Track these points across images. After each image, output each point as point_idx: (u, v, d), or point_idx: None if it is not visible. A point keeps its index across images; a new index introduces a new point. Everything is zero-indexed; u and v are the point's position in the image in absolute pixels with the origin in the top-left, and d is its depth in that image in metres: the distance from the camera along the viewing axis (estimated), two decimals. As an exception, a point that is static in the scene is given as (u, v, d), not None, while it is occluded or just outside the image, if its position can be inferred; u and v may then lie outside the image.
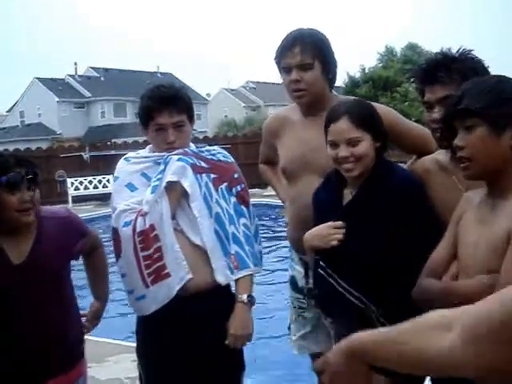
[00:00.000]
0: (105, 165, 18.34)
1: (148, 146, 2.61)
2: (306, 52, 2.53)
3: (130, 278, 2.42)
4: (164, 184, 2.37)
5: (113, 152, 19.59)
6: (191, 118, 2.53)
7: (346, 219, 2.18)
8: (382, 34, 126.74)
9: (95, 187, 19.18)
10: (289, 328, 2.94)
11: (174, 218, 2.41)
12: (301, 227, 2.44)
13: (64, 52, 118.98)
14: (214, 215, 2.42)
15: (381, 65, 33.21)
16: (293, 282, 2.86)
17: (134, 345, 2.65)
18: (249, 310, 2.44)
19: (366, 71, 30.26)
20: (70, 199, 18.77)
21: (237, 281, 2.45)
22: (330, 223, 2.20)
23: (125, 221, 2.38)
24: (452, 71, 2.07)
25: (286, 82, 2.63)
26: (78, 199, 18.81)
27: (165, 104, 2.42)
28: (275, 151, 2.86)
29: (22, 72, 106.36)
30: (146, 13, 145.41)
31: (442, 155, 2.21)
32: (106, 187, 18.07)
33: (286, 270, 3.03)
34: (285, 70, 2.61)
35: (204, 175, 2.44)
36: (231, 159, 2.64)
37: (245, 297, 2.42)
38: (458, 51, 2.12)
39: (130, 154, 2.63)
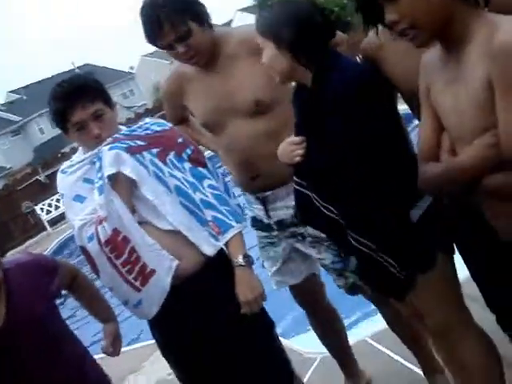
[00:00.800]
0: (64, 178, 17.95)
1: (79, 149, 2.39)
2: (177, 25, 2.30)
3: (118, 290, 2.24)
4: (106, 181, 2.16)
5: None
6: (109, 102, 2.30)
7: (304, 131, 2.06)
8: None
9: (65, 203, 18.85)
10: (263, 266, 2.86)
11: (134, 212, 2.21)
12: (245, 170, 2.53)
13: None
14: (174, 189, 2.22)
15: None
16: (256, 222, 2.74)
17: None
18: (250, 269, 2.27)
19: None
20: (46, 225, 18.45)
21: (226, 245, 2.27)
22: (289, 139, 2.10)
23: (87, 236, 2.17)
24: None
25: (174, 57, 2.46)
26: (54, 221, 18.48)
27: (73, 99, 2.18)
28: (184, 110, 2.75)
29: None
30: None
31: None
32: (75, 198, 17.74)
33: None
34: (166, 48, 2.40)
35: (145, 153, 2.23)
36: (169, 125, 2.43)
37: (240, 258, 2.25)
38: None
39: (64, 164, 2.39)
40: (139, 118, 2.84)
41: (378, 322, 3.22)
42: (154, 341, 2.47)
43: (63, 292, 2.38)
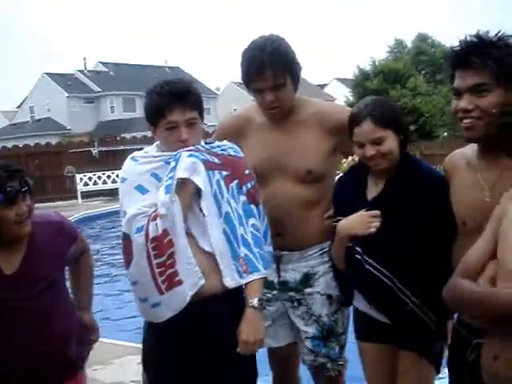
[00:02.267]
0: (114, 160, 18.31)
1: (155, 144, 2.46)
2: (278, 74, 2.50)
3: (142, 286, 2.28)
4: (175, 182, 2.21)
5: (122, 147, 19.63)
6: (202, 115, 2.40)
7: (375, 209, 2.32)
8: (391, 26, 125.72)
9: (104, 182, 19.17)
10: None
11: (184, 221, 2.26)
12: (272, 225, 2.54)
13: (73, 48, 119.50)
14: (224, 215, 2.29)
15: (391, 57, 33.03)
16: None
17: (140, 346, 2.51)
18: (260, 314, 2.32)
19: (377, 64, 30.02)
20: (79, 195, 18.77)
21: (246, 285, 2.32)
22: (366, 212, 2.32)
23: (137, 227, 2.22)
24: (487, 57, 1.88)
25: (259, 102, 2.63)
26: (87, 195, 18.83)
27: (177, 100, 2.27)
28: None
29: (32, 69, 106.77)
30: (149, 5, 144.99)
31: (470, 150, 2.11)
32: (115, 182, 18.04)
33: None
34: (256, 91, 2.58)
35: (216, 172, 2.31)
36: (241, 153, 2.49)
37: (255, 301, 2.29)
38: (496, 35, 1.93)
39: (137, 153, 2.47)
40: (206, 137, 2.86)
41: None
42: (131, 344, 2.45)
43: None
